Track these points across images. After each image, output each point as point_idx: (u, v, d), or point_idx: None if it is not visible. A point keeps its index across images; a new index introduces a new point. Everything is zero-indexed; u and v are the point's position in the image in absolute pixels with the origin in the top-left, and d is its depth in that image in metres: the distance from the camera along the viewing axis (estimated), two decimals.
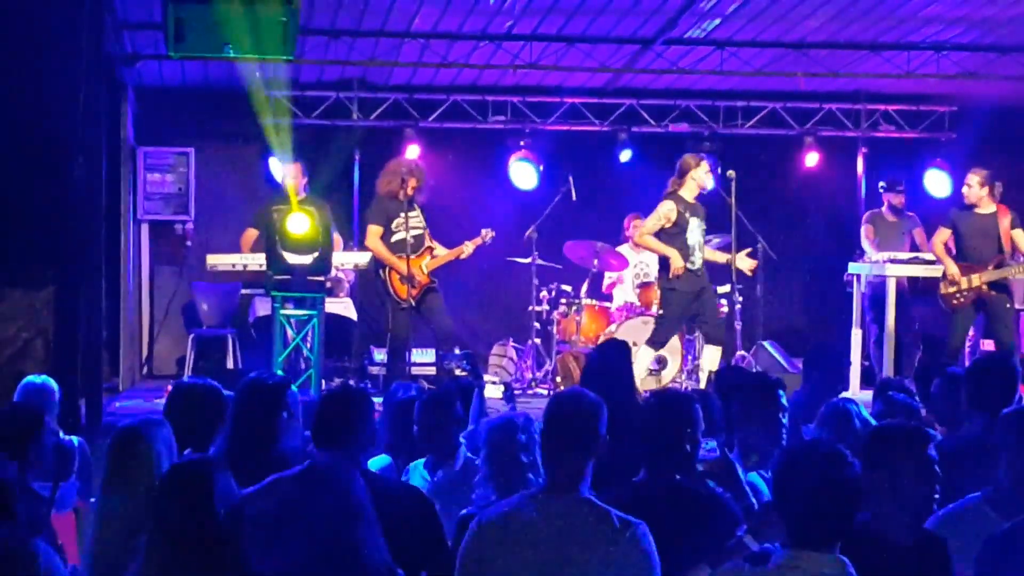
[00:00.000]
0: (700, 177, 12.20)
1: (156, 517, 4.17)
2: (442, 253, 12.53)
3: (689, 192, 12.15)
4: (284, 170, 13.07)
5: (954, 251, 12.58)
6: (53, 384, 7.60)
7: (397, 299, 12.16)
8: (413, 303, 12.10)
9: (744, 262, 12.67)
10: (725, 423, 6.28)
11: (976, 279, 12.27)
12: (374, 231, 12.25)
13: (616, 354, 7.93)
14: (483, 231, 12.76)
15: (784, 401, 6.19)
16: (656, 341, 12.37)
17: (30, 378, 7.74)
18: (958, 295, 12.33)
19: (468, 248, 12.62)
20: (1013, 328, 12.58)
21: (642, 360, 12.19)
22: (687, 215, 12.07)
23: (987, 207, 12.37)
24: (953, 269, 12.33)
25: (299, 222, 10.79)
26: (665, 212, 12.12)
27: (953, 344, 12.32)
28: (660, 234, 12.14)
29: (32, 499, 5.59)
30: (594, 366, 7.97)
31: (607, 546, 4.31)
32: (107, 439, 5.20)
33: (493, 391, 11.64)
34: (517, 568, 4.33)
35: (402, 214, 12.14)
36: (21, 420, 6.10)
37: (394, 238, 12.21)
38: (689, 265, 12.07)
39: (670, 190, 12.22)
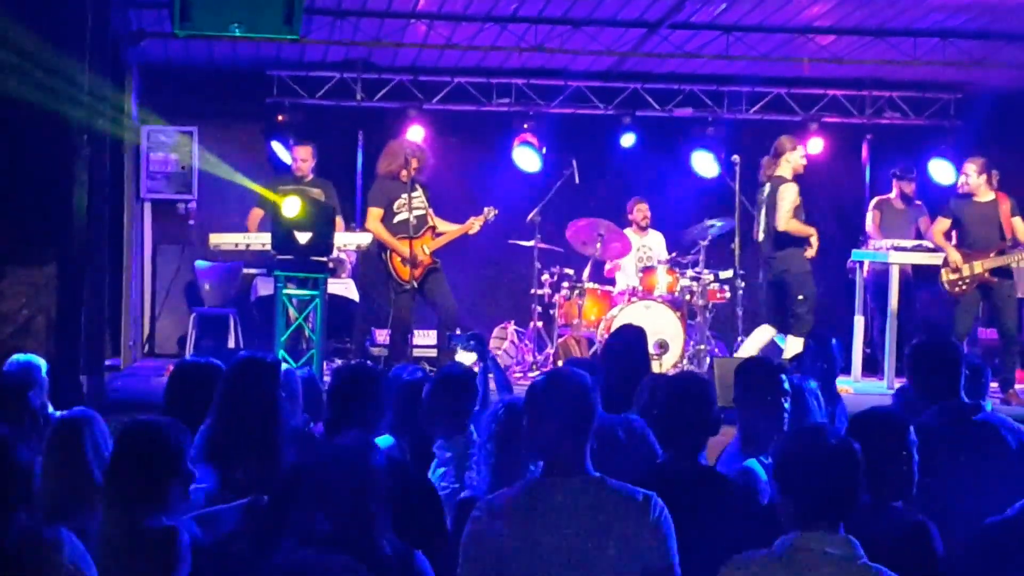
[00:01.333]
0: (795, 160, 12.54)
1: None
2: (446, 232, 12.52)
3: (784, 173, 12.34)
4: (295, 152, 13.08)
5: (955, 240, 12.57)
6: (39, 361, 7.58)
7: (399, 281, 12.16)
8: (415, 285, 12.10)
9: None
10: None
11: (978, 266, 12.26)
12: (375, 213, 12.24)
13: (635, 338, 7.94)
14: (485, 209, 12.75)
15: (787, 386, 6.15)
16: (805, 329, 12.32)
17: (15, 356, 7.73)
18: (960, 282, 12.32)
19: (475, 225, 12.61)
20: (1016, 316, 12.57)
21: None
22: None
23: (985, 195, 12.37)
24: (955, 256, 12.33)
25: (292, 206, 10.77)
26: (796, 194, 12.35)
27: (958, 332, 12.31)
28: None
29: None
30: (616, 349, 7.93)
31: (633, 522, 4.29)
32: (111, 418, 5.21)
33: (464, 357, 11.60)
34: (536, 552, 4.26)
35: (404, 195, 12.15)
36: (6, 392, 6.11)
37: (396, 219, 12.20)
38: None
39: (774, 173, 12.48)
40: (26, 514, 3.93)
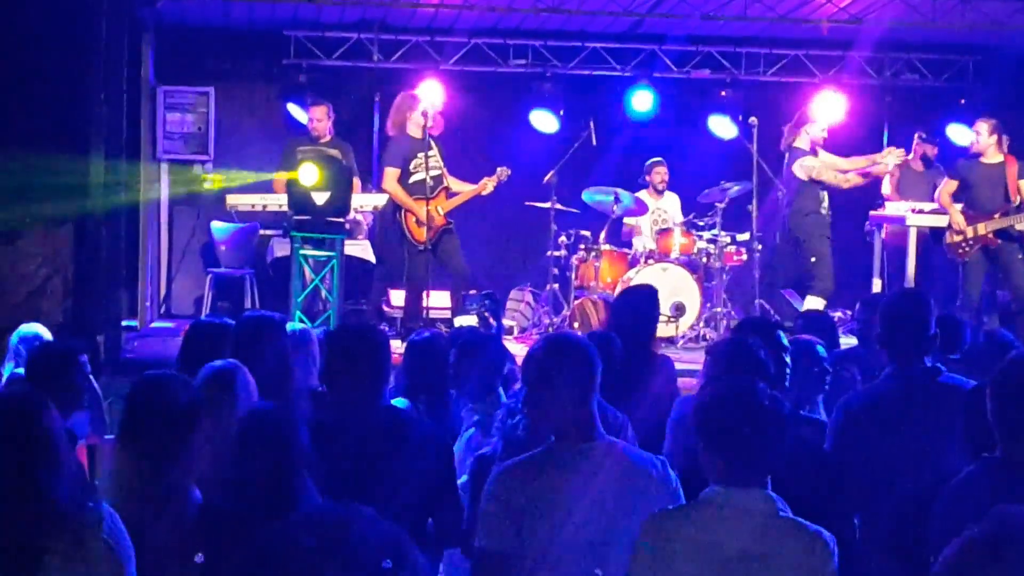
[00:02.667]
0: (815, 132, 13.06)
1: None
2: (460, 192, 12.51)
3: (804, 144, 12.54)
4: (311, 112, 13.05)
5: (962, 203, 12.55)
6: (45, 332, 7.63)
7: (413, 242, 12.16)
8: (429, 246, 12.10)
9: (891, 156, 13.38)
10: None
11: (982, 227, 12.26)
12: (391, 173, 12.23)
13: (646, 300, 7.91)
14: (499, 169, 12.74)
15: (785, 341, 6.11)
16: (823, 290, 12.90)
17: (22, 328, 7.76)
18: (964, 245, 12.32)
19: (489, 185, 12.61)
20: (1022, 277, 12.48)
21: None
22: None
23: (994, 156, 12.33)
24: (958, 218, 12.33)
25: (308, 175, 10.76)
26: (817, 163, 13.06)
27: (969, 295, 12.30)
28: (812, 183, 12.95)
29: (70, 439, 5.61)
30: (624, 309, 7.90)
31: (650, 487, 4.36)
32: (127, 378, 5.22)
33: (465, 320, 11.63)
34: (551, 514, 4.32)
35: (420, 154, 12.14)
36: (55, 357, 6.13)
37: (412, 179, 12.20)
38: (822, 210, 13.05)
39: (792, 143, 13.06)
40: (68, 486, 3.93)
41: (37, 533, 3.70)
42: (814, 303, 12.69)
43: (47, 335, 7.63)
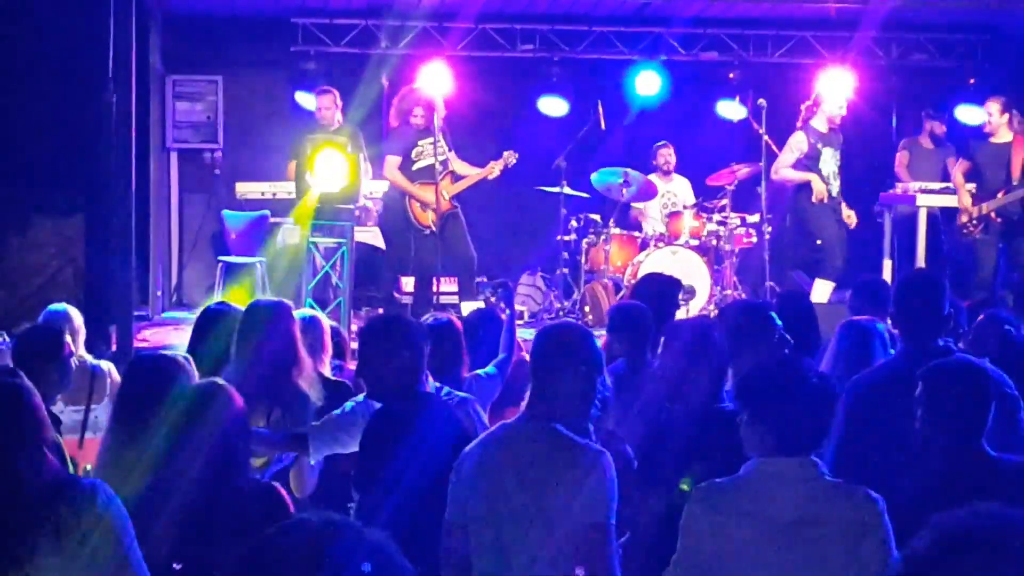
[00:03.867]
0: (830, 108, 12.89)
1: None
2: (466, 176, 12.52)
3: (820, 123, 12.48)
4: (318, 101, 13.02)
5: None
6: (73, 311, 7.64)
7: (419, 227, 12.20)
8: (435, 230, 12.12)
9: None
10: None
11: (985, 207, 12.29)
12: (392, 161, 12.27)
13: (668, 289, 7.92)
14: (505, 153, 12.75)
15: (779, 322, 6.14)
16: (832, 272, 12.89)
17: (52, 307, 7.79)
18: (970, 224, 12.36)
19: (495, 169, 12.61)
20: None
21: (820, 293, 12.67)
22: (819, 145, 12.45)
23: (1004, 136, 12.34)
24: (964, 199, 12.36)
25: (328, 161, 10.77)
26: (796, 143, 12.46)
27: (983, 274, 12.31)
28: (796, 166, 12.86)
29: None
30: (643, 296, 7.89)
31: (571, 471, 4.52)
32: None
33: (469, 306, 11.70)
34: (499, 492, 4.57)
35: (422, 142, 12.17)
36: (40, 341, 6.14)
37: (415, 166, 12.22)
38: (830, 191, 12.89)
39: (812, 123, 12.91)
40: (58, 461, 3.98)
41: (29, 510, 3.73)
42: (822, 286, 12.70)
43: (75, 314, 7.64)
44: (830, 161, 12.76)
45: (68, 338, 6.24)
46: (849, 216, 13.03)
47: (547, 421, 4.60)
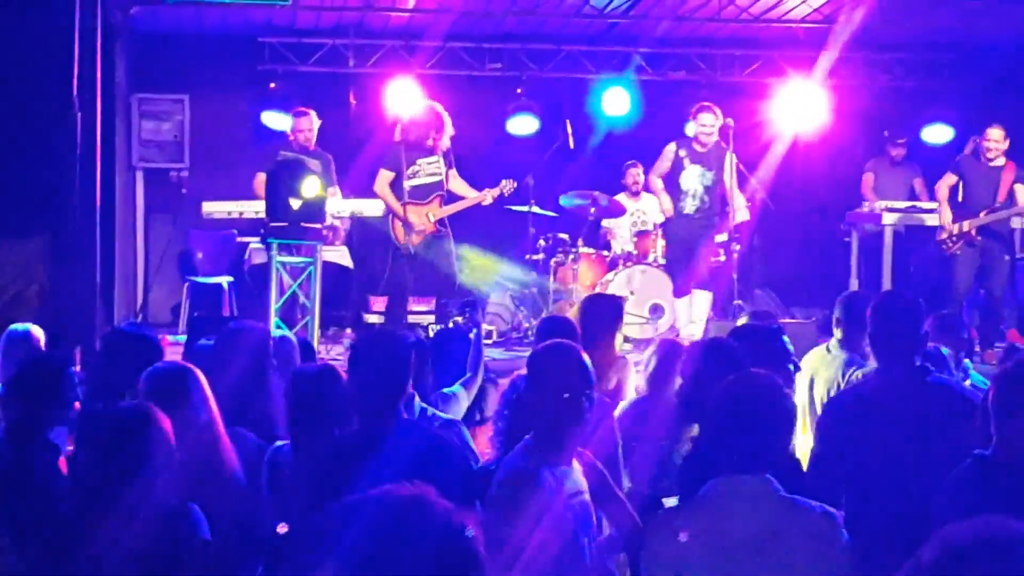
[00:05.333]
0: (693, 125, 12.76)
1: None
2: (464, 198, 12.42)
3: (697, 141, 12.45)
4: (299, 122, 12.85)
5: (960, 197, 12.58)
6: (36, 330, 7.56)
7: (398, 245, 12.14)
8: (411, 250, 12.06)
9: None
10: None
11: (966, 224, 12.30)
12: (385, 176, 12.18)
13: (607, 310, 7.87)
14: (503, 182, 12.66)
15: (790, 347, 6.16)
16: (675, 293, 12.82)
17: (13, 327, 7.70)
18: (949, 241, 12.38)
19: (488, 197, 12.51)
20: (1006, 278, 12.50)
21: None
22: (686, 160, 12.27)
23: (999, 160, 12.33)
24: (945, 216, 12.37)
25: (312, 186, 10.73)
26: (664, 153, 12.42)
27: (957, 290, 12.35)
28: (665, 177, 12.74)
29: (51, 451, 5.57)
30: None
31: None
32: None
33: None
34: None
35: (418, 160, 12.11)
36: (44, 371, 6.06)
37: (409, 183, 12.13)
38: (680, 209, 12.62)
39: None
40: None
41: (142, 538, 3.94)
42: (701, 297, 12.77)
43: (38, 333, 7.56)
44: (694, 179, 12.68)
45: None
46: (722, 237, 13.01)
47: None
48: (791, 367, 6.26)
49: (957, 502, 4.25)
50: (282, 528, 4.24)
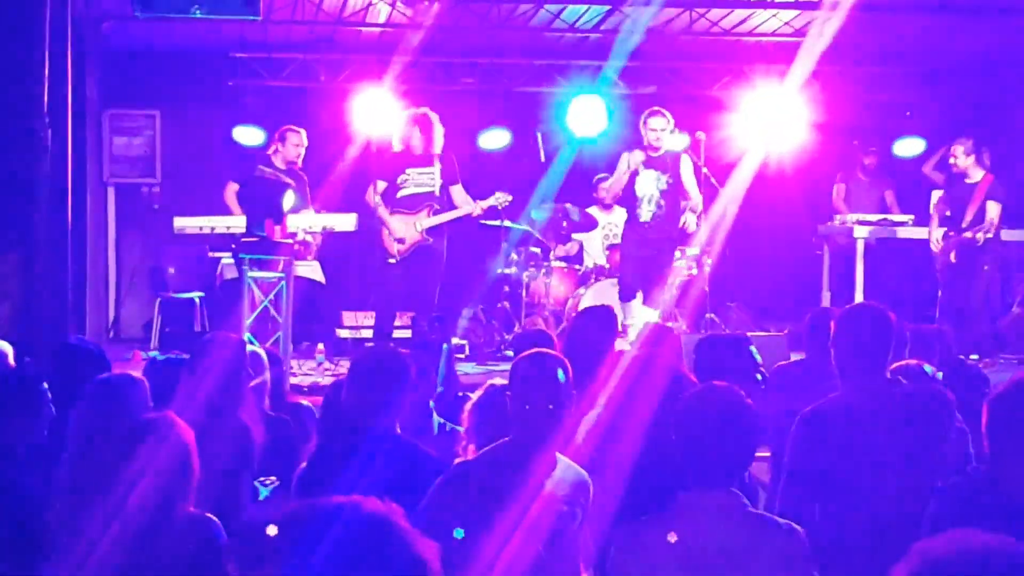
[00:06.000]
0: (643, 131, 12.50)
1: None
2: (448, 210, 12.39)
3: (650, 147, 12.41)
4: (291, 138, 12.80)
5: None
6: (5, 346, 7.52)
7: (387, 254, 12.13)
8: (396, 259, 12.05)
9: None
10: None
11: (934, 245, 12.44)
12: (376, 185, 12.17)
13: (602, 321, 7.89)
14: (496, 193, 12.65)
15: (758, 358, 6.16)
16: (621, 296, 12.51)
17: None
18: (939, 256, 12.51)
19: (477, 208, 12.50)
20: (981, 289, 12.53)
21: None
22: (641, 166, 12.23)
23: (975, 175, 12.35)
24: (933, 232, 12.47)
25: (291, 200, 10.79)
26: (622, 158, 12.35)
27: (941, 302, 12.49)
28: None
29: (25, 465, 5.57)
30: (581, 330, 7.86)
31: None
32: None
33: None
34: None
35: (408, 170, 12.10)
36: (13, 387, 6.03)
37: (399, 193, 12.13)
38: (636, 216, 12.48)
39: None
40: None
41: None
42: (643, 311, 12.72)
43: (7, 348, 7.52)
44: (649, 184, 12.64)
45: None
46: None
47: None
48: (759, 376, 6.27)
49: (947, 521, 4.24)
50: (271, 530, 4.23)
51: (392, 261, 12.07)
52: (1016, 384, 4.40)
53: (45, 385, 5.82)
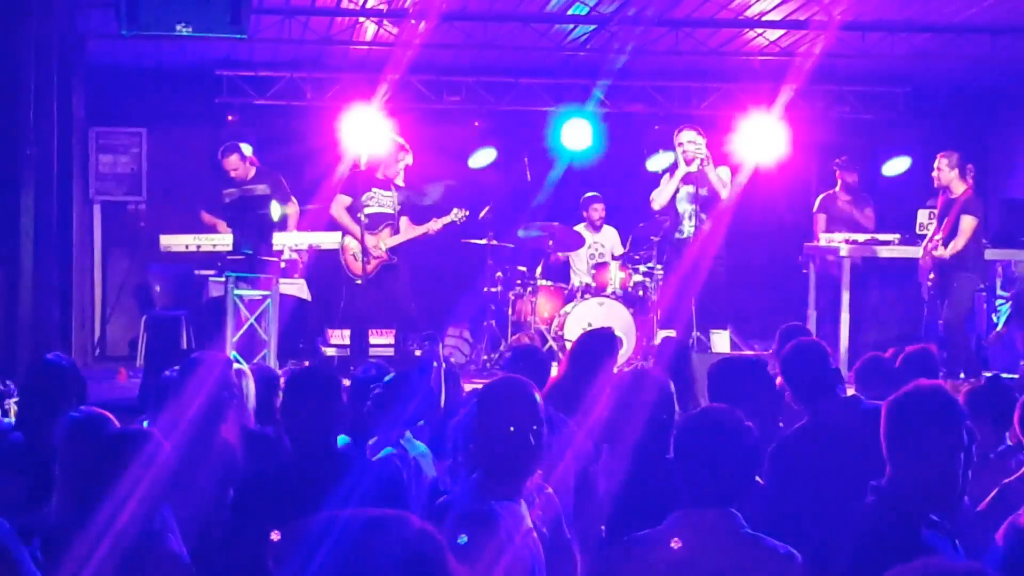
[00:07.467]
0: (676, 146, 12.97)
1: None
2: (410, 229, 12.44)
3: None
4: (225, 163, 12.77)
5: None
6: None
7: (351, 275, 12.14)
8: (367, 278, 12.06)
9: None
10: None
11: (928, 259, 12.43)
12: (341, 200, 12.25)
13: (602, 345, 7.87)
14: (454, 210, 12.69)
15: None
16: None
17: None
18: (921, 271, 12.55)
19: (435, 225, 12.55)
20: (961, 308, 12.46)
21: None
22: (680, 183, 12.81)
23: (957, 189, 12.28)
24: (921, 252, 12.48)
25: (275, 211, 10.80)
26: (661, 182, 12.87)
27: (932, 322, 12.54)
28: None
29: None
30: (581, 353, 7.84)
31: None
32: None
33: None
34: None
35: (373, 189, 12.15)
36: None
37: (365, 211, 12.17)
38: (677, 234, 12.92)
39: None
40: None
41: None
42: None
43: None
44: (686, 200, 12.83)
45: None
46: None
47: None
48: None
49: (858, 536, 4.15)
50: (275, 535, 4.21)
51: (359, 282, 12.10)
52: (910, 393, 4.23)
53: None
